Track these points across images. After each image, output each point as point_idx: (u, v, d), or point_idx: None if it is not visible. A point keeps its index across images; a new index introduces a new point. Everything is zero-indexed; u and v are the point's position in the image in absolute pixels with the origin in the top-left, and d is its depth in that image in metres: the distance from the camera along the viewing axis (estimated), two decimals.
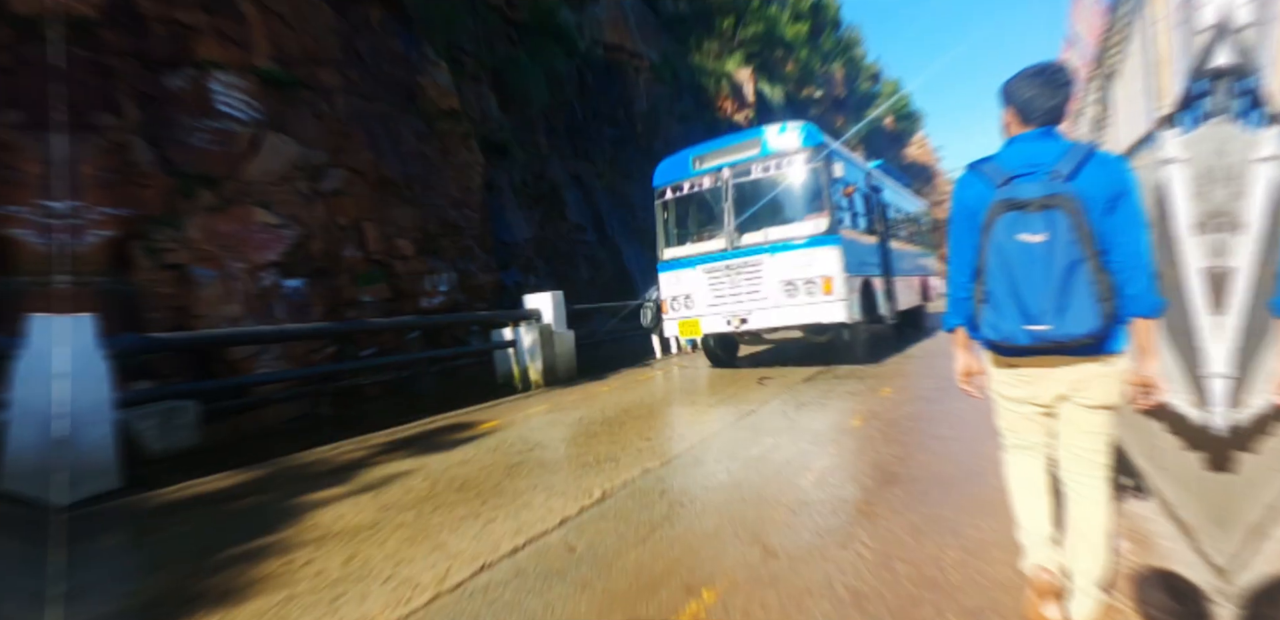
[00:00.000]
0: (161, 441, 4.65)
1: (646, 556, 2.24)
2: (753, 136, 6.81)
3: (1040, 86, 1.52)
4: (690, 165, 7.19)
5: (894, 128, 38.66)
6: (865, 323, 6.83)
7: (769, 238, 6.40)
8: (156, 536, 2.98)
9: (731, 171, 6.77)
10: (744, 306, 6.49)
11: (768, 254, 6.35)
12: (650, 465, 3.43)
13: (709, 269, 6.79)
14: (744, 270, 6.49)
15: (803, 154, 6.40)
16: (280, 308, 6.32)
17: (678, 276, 7.12)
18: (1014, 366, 1.61)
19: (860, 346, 6.77)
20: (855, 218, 7.10)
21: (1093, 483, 1.60)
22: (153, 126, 5.88)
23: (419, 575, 2.24)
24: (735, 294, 6.57)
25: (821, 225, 6.16)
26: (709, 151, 7.08)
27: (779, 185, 6.63)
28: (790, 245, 6.25)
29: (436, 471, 3.72)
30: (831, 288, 5.96)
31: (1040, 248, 1.39)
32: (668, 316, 7.20)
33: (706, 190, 7.03)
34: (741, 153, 6.78)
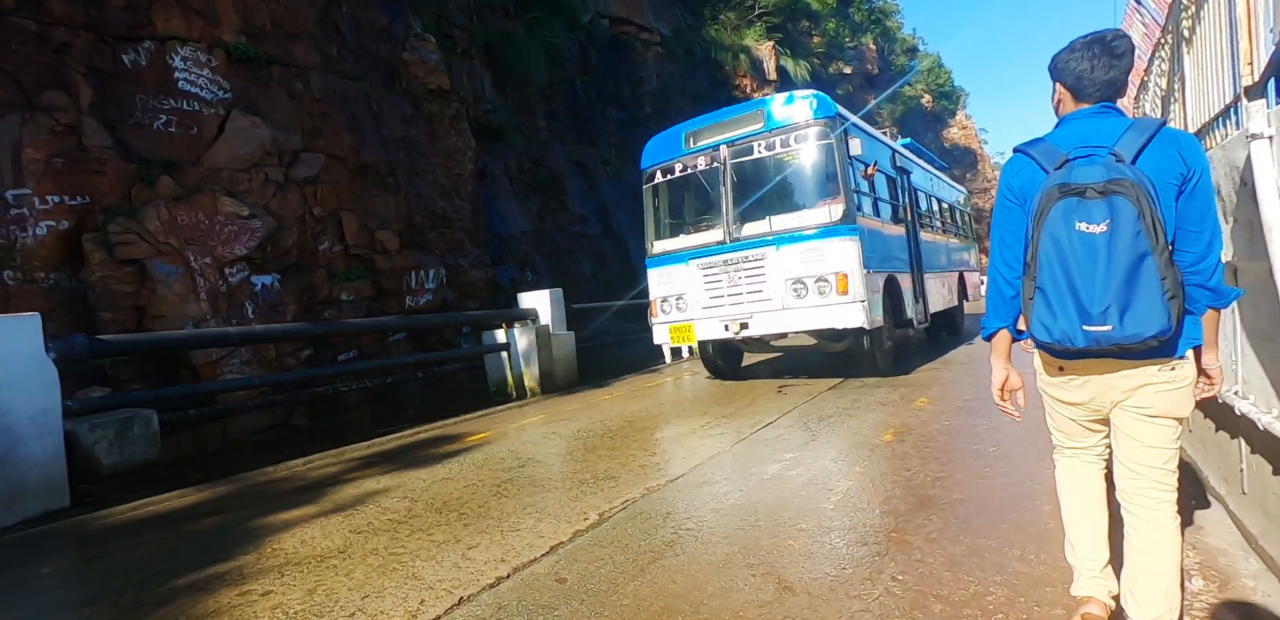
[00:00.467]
0: (116, 455, 4.62)
1: (645, 590, 2.17)
2: (754, 108, 6.33)
3: (1095, 58, 1.49)
4: (683, 143, 6.71)
5: (933, 107, 38.30)
6: (889, 328, 6.37)
7: (774, 228, 5.95)
8: (100, 563, 2.94)
9: (730, 150, 6.28)
10: (744, 309, 6.05)
11: (772, 247, 5.91)
12: (653, 484, 3.35)
13: (704, 265, 6.33)
14: (744, 266, 6.05)
15: (814, 128, 5.89)
16: (250, 307, 6.31)
17: (668, 273, 6.67)
18: (1065, 370, 1.56)
19: (883, 355, 6.26)
20: (877, 204, 6.60)
21: (1155, 506, 1.52)
22: (108, 107, 5.89)
23: (389, 610, 2.18)
24: (734, 294, 6.13)
25: (836, 213, 5.69)
26: (704, 127, 6.60)
27: (786, 165, 6.16)
28: (799, 237, 5.80)
29: (416, 490, 3.66)
30: (847, 287, 5.52)
31: (1101, 239, 1.35)
32: (657, 320, 6.74)
33: (701, 172, 6.52)
34: (741, 128, 6.28)
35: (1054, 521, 2.38)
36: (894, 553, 2.30)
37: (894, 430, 4.12)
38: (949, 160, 37.29)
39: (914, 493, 2.91)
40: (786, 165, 6.17)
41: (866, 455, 3.59)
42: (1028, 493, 2.75)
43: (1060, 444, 1.74)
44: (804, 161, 6.05)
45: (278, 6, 7.45)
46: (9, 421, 3.71)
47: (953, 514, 2.62)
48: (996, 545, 2.29)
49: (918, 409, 4.73)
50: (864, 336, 6.00)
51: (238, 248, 6.20)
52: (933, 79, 38.73)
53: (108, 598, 2.49)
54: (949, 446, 3.64)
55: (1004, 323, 1.65)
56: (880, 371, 6.20)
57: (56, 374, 3.97)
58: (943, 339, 9.48)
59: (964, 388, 5.47)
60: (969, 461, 3.31)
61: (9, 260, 5.16)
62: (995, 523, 2.49)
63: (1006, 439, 3.64)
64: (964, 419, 4.27)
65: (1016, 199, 1.57)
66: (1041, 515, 2.49)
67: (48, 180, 5.38)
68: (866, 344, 6.06)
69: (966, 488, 2.91)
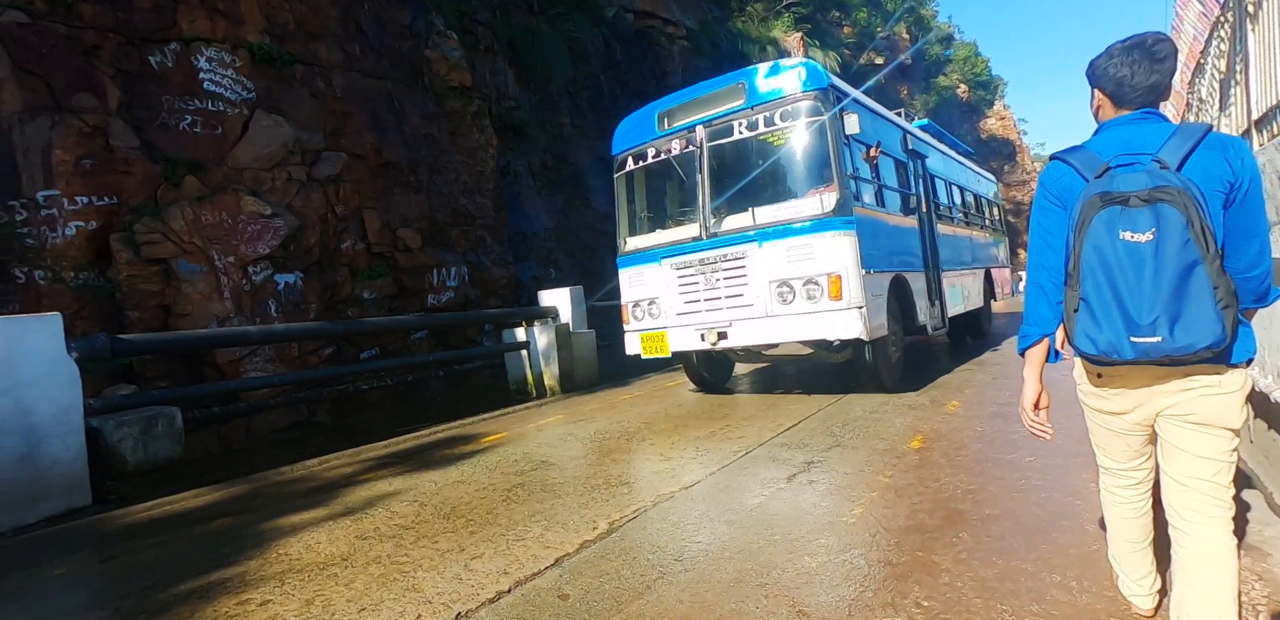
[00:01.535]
0: (141, 452, 4.68)
1: (650, 610, 2.04)
2: (734, 81, 5.42)
3: (1135, 63, 1.46)
4: (655, 124, 5.88)
5: (969, 98, 37.15)
6: (896, 337, 5.57)
7: (757, 221, 5.13)
8: (110, 564, 2.93)
9: (707, 130, 5.45)
10: (722, 316, 5.25)
11: (754, 244, 5.09)
12: (667, 491, 3.22)
13: (679, 264, 5.53)
14: (723, 266, 5.25)
15: (803, 102, 5.03)
16: (273, 305, 6.36)
17: (640, 275, 5.89)
18: (1104, 377, 1.52)
19: (888, 369, 5.38)
20: (882, 193, 5.77)
21: (1206, 520, 1.44)
22: (135, 108, 5.97)
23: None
24: (712, 299, 5.34)
25: (828, 203, 4.86)
26: (678, 105, 5.77)
27: (771, 148, 5.37)
28: (785, 231, 4.98)
29: (427, 493, 3.60)
30: (841, 290, 4.70)
31: (1147, 248, 1.31)
32: (629, 328, 6.00)
33: (676, 157, 5.70)
34: (720, 104, 5.42)
35: (1099, 543, 2.19)
36: (920, 574, 2.13)
37: (923, 436, 3.91)
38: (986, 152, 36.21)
39: (943, 507, 2.73)
40: (772, 147, 5.38)
41: (892, 463, 3.40)
42: (1070, 510, 2.54)
43: (1102, 465, 1.69)
44: (792, 142, 5.20)
45: (301, 6, 7.49)
46: (32, 420, 3.76)
47: (985, 532, 2.43)
48: (1034, 569, 2.10)
49: (949, 413, 4.50)
50: (865, 348, 5.17)
51: (261, 246, 6.24)
52: (969, 68, 37.55)
53: (110, 603, 2.46)
54: (982, 455, 3.43)
55: (1047, 330, 1.58)
56: (884, 388, 5.34)
57: (78, 373, 4.01)
58: (966, 343, 8.75)
59: (999, 391, 5.21)
60: (1004, 473, 3.10)
61: (39, 260, 5.27)
62: (1033, 543, 2.30)
63: (1046, 448, 3.41)
64: (999, 425, 4.04)
65: (1057, 202, 1.53)
66: (1085, 536, 2.29)
67: (77, 181, 5.48)
68: (868, 356, 5.21)
69: (1001, 502, 2.71)
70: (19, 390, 3.74)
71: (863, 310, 4.74)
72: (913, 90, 31.23)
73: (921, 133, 7.70)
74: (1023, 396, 1.64)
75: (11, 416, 3.71)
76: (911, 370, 6.85)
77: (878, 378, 5.28)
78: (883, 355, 5.26)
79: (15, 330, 3.76)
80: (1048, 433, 1.63)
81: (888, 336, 5.24)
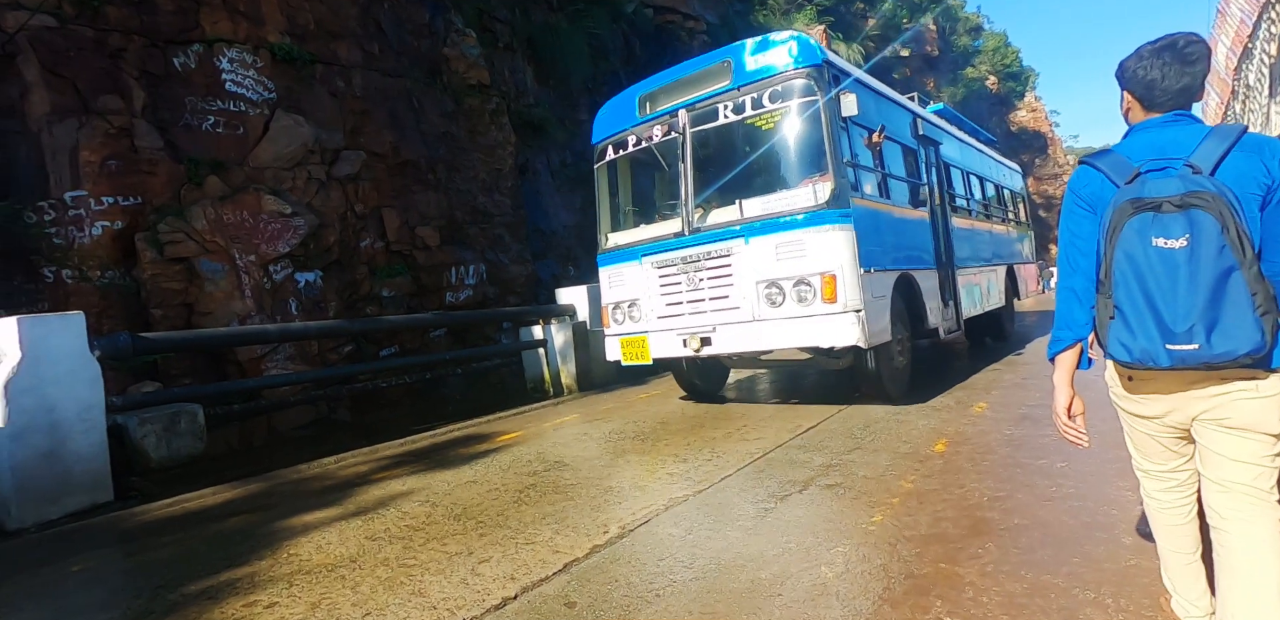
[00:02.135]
0: (164, 449, 4.74)
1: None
2: (719, 59, 4.92)
3: (1166, 66, 1.44)
4: (636, 109, 5.39)
5: (998, 89, 36.25)
6: (904, 341, 5.05)
7: (744, 215, 4.64)
8: (125, 563, 2.96)
9: (690, 115, 4.95)
10: (706, 320, 4.79)
11: (740, 240, 4.61)
12: (681, 494, 3.14)
13: (660, 263, 5.07)
14: (707, 265, 4.77)
15: (794, 81, 4.51)
16: (293, 304, 6.42)
17: (620, 274, 5.43)
18: (1135, 380, 1.50)
19: (893, 378, 4.86)
20: (886, 183, 5.23)
21: (1249, 517, 1.40)
22: (159, 109, 6.06)
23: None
24: (695, 301, 4.86)
25: (822, 193, 4.35)
26: (660, 87, 5.28)
27: (759, 133, 4.85)
28: (774, 225, 4.49)
29: (439, 493, 3.58)
30: (835, 291, 4.23)
31: (1181, 254, 1.30)
32: (609, 332, 5.56)
33: (658, 145, 5.20)
34: (704, 85, 4.93)
35: (1136, 558, 2.07)
36: (942, 588, 2.03)
37: (947, 439, 3.78)
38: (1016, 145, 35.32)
39: (968, 515, 2.61)
40: (761, 132, 4.86)
41: (915, 468, 3.28)
42: (1104, 521, 2.41)
43: (1139, 466, 1.64)
44: (782, 126, 4.69)
45: (321, 6, 7.54)
46: (56, 417, 3.82)
47: (1013, 543, 2.31)
48: (1065, 584, 1.98)
49: (975, 416, 4.35)
50: (866, 354, 4.64)
51: (281, 245, 6.30)
52: (998, 59, 36.63)
53: (123, 603, 2.47)
54: (1009, 460, 3.29)
55: (1080, 335, 1.55)
56: (889, 399, 4.85)
57: (100, 371, 4.06)
58: (986, 346, 8.20)
59: (1028, 393, 5.02)
60: (1033, 479, 2.96)
61: (67, 260, 5.37)
62: (1064, 556, 2.17)
63: (1079, 454, 3.26)
64: (1028, 428, 3.88)
65: (1086, 207, 1.52)
66: (1121, 549, 2.16)
67: (103, 182, 5.58)
68: (871, 363, 4.69)
69: (1029, 511, 2.58)
70: (44, 388, 3.81)
71: (860, 314, 4.25)
72: (939, 82, 30.57)
73: (936, 118, 7.12)
74: (1054, 403, 1.60)
75: (37, 413, 3.77)
76: (935, 370, 6.68)
77: (881, 387, 4.79)
78: (887, 362, 4.78)
79: (40, 329, 3.82)
80: (1083, 439, 1.58)
81: (892, 342, 4.75)
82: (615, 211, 5.87)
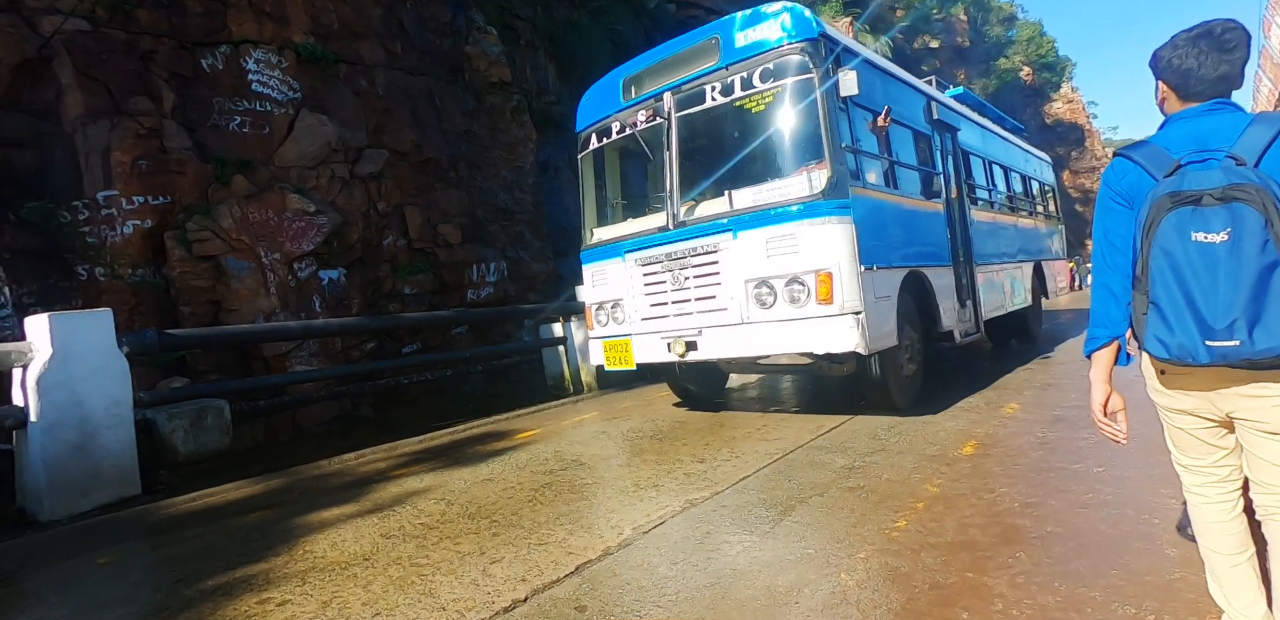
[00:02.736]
0: (192, 443, 4.84)
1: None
2: (708, 36, 4.52)
3: (1203, 54, 1.40)
4: (620, 94, 5.01)
5: (1032, 81, 35.25)
6: (913, 345, 4.66)
7: (734, 207, 4.26)
8: (147, 557, 3.00)
9: (675, 98, 4.58)
10: (692, 322, 4.42)
11: (727, 234, 4.25)
12: (697, 496, 3.08)
13: (643, 260, 4.71)
14: (693, 262, 4.41)
15: (788, 57, 4.12)
16: (317, 301, 6.49)
17: (603, 272, 5.06)
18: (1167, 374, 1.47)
19: (900, 386, 4.46)
20: (894, 171, 4.79)
21: None
22: (188, 110, 6.16)
23: None
24: (680, 302, 4.50)
25: (817, 182, 3.96)
26: (645, 68, 4.89)
27: (750, 116, 4.41)
28: (764, 218, 4.10)
29: (455, 491, 3.57)
30: (831, 291, 3.84)
31: (1222, 248, 1.26)
32: (593, 334, 5.21)
33: (643, 132, 4.82)
34: (691, 65, 4.55)
35: (1181, 571, 1.94)
36: (970, 599, 1.93)
37: (976, 442, 3.64)
38: (1052, 137, 34.33)
39: (998, 521, 2.49)
40: (751, 116, 4.41)
41: (942, 471, 3.16)
42: (1146, 530, 2.27)
43: (1178, 461, 1.58)
44: (775, 108, 4.25)
45: (345, 6, 7.60)
46: (85, 412, 3.91)
47: (1045, 552, 2.19)
48: (1102, 598, 1.87)
49: (1006, 417, 4.19)
50: (871, 359, 4.25)
51: (305, 243, 6.37)
52: (1033, 49, 35.61)
53: (141, 597, 2.50)
54: (1042, 464, 3.15)
55: (1116, 333, 1.52)
56: (895, 409, 4.44)
57: (127, 366, 4.14)
58: (1012, 348, 7.72)
59: (1063, 393, 4.84)
60: (1068, 485, 2.83)
61: (100, 258, 5.50)
62: (1101, 567, 2.05)
63: (1117, 458, 3.11)
64: (1062, 431, 3.72)
65: (1122, 202, 1.48)
66: (1164, 562, 2.04)
67: (133, 181, 5.69)
68: (876, 370, 4.32)
69: (1064, 519, 2.46)
70: (74, 383, 3.89)
71: (860, 316, 3.84)
72: (971, 74, 29.84)
73: (954, 102, 6.62)
74: (1091, 401, 1.58)
75: (67, 408, 3.86)
76: (964, 370, 6.50)
77: (886, 397, 4.39)
78: (893, 369, 4.38)
79: (69, 325, 3.91)
80: (1120, 434, 1.56)
81: (899, 347, 4.37)
82: (602, 205, 5.48)
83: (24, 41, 5.64)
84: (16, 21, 5.66)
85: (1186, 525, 2.04)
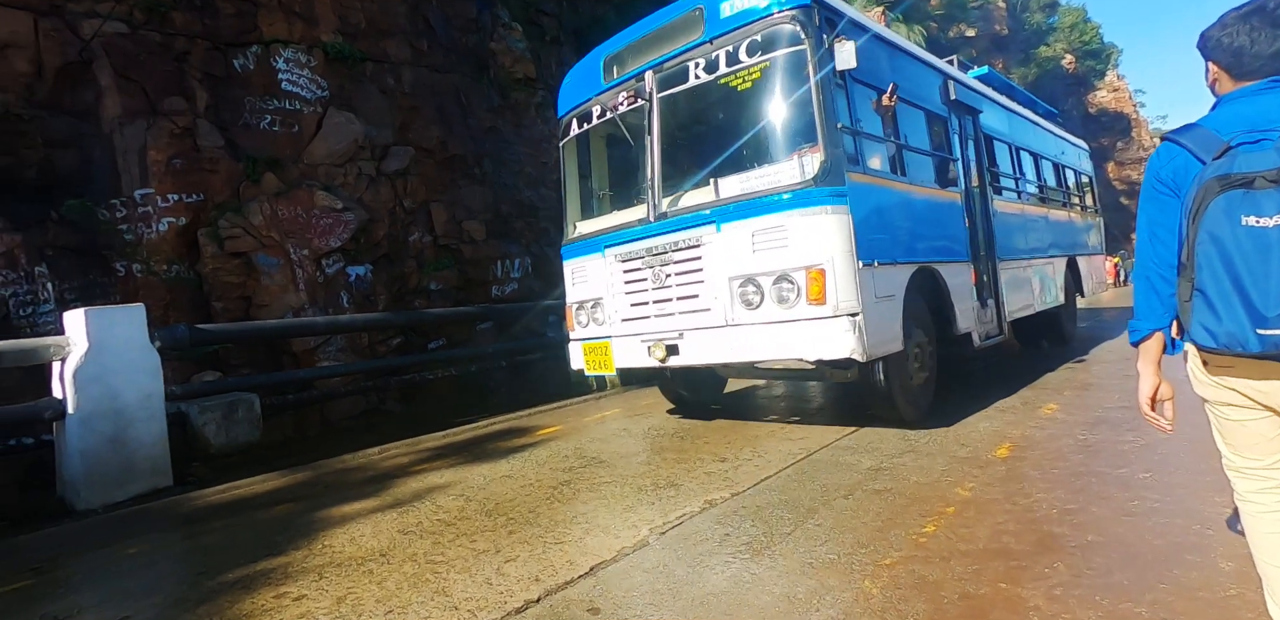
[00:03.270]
0: (223, 436, 4.94)
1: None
2: (691, 7, 4.10)
3: (1254, 31, 1.34)
4: (601, 74, 4.60)
5: (1075, 69, 34.00)
6: (924, 350, 4.27)
7: (720, 196, 3.87)
8: (172, 549, 3.06)
9: (657, 77, 4.19)
10: (673, 324, 4.04)
11: (710, 227, 3.86)
12: (717, 496, 3.00)
13: (623, 256, 4.33)
14: (674, 258, 4.03)
15: (777, 26, 3.70)
16: (345, 296, 6.58)
17: (583, 268, 4.69)
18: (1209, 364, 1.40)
19: (908, 395, 4.02)
20: (902, 156, 4.32)
21: None
22: (220, 110, 6.29)
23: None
24: (661, 301, 4.12)
25: (809, 168, 3.56)
26: (627, 45, 4.47)
27: (737, 95, 4.00)
28: (750, 208, 3.70)
29: (474, 487, 3.56)
30: (823, 290, 3.43)
31: (1274, 233, 1.20)
32: (573, 335, 4.85)
33: (624, 116, 4.42)
34: (674, 40, 4.15)
35: (1238, 587, 1.81)
36: (1002, 611, 1.82)
37: (1012, 443, 3.49)
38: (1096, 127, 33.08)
39: (1034, 529, 2.36)
40: (738, 94, 3.99)
41: (974, 474, 3.03)
42: (1197, 542, 2.13)
43: (1230, 465, 1.47)
44: (763, 85, 3.83)
45: (372, 5, 7.67)
46: (119, 405, 4.01)
47: (1086, 563, 2.07)
48: (1149, 614, 1.74)
49: (1044, 417, 4.02)
50: (875, 366, 3.83)
51: (333, 240, 6.46)
52: (1076, 36, 34.32)
53: (163, 589, 2.54)
54: (1083, 469, 2.99)
55: (1158, 325, 1.47)
56: (902, 421, 4.01)
57: (159, 361, 4.24)
58: (1043, 350, 7.17)
59: (1106, 393, 4.62)
60: (1111, 491, 2.67)
61: (136, 254, 5.66)
62: (1148, 581, 1.92)
63: (1166, 462, 2.93)
64: (1105, 433, 3.54)
65: (1168, 189, 1.42)
66: (1218, 576, 1.90)
67: (168, 180, 5.83)
68: (880, 378, 3.89)
69: (1106, 527, 2.32)
70: (108, 376, 3.99)
71: (856, 318, 3.41)
72: (1009, 63, 28.90)
73: (976, 83, 6.08)
74: (1138, 392, 1.52)
75: (102, 401, 3.96)
76: (999, 369, 6.28)
77: (892, 408, 3.95)
78: (900, 377, 3.95)
79: (104, 320, 4.01)
80: (1165, 419, 1.51)
81: (906, 352, 3.97)
82: (586, 196, 5.08)
83: (66, 45, 5.81)
84: (60, 25, 5.83)
85: (1236, 522, 1.90)
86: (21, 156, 5.49)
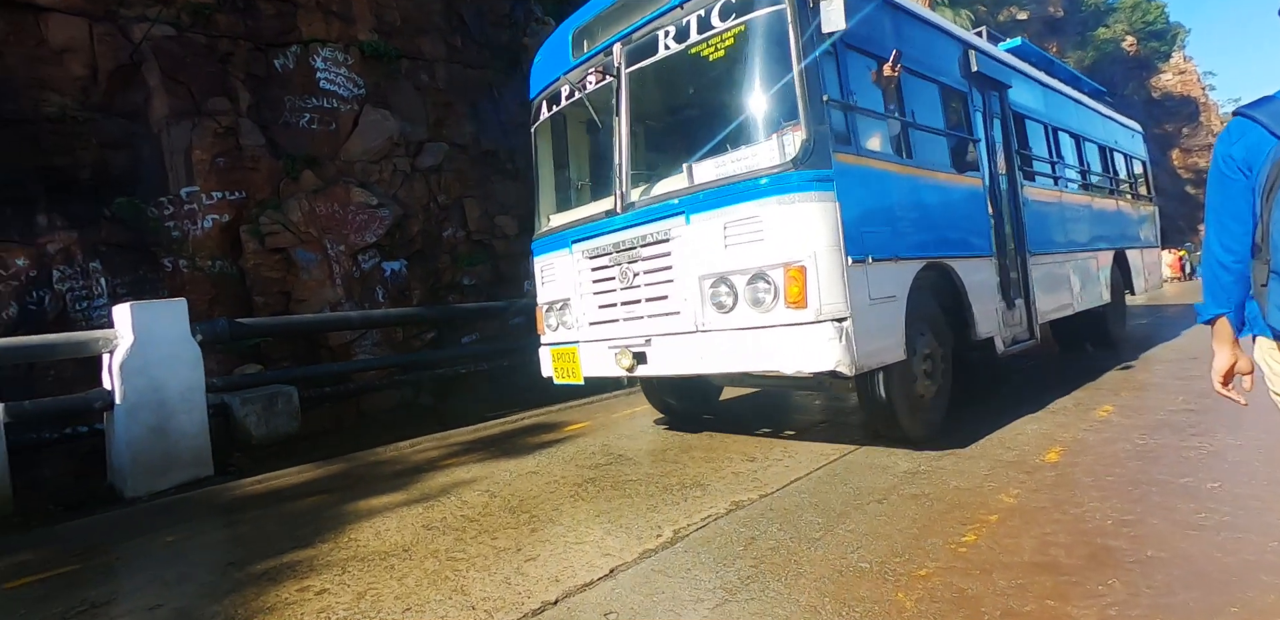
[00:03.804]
0: (264, 427, 5.08)
1: None
2: None
3: None
4: (570, 50, 4.13)
5: (1137, 51, 32.25)
6: (937, 359, 3.75)
7: (694, 183, 3.38)
8: (206, 538, 3.13)
9: (625, 49, 3.72)
10: (641, 329, 3.60)
11: (679, 218, 3.38)
12: (744, 498, 2.91)
13: (590, 251, 3.87)
14: (642, 253, 3.57)
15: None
16: (380, 291, 6.69)
17: (551, 266, 4.25)
18: None
19: (912, 410, 3.49)
20: (907, 134, 3.79)
21: None
22: (261, 109, 6.44)
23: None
24: (630, 303, 3.67)
25: (789, 147, 3.08)
26: (594, 16, 3.99)
27: (711, 66, 3.55)
28: (723, 196, 3.23)
29: (500, 483, 3.54)
30: (804, 291, 2.95)
31: None
32: (543, 339, 4.42)
33: (591, 95, 3.93)
34: (643, 7, 3.68)
35: None
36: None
37: (1062, 447, 3.28)
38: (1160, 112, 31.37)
39: (1085, 541, 2.20)
40: (712, 66, 3.54)
41: (1020, 480, 2.86)
42: (1273, 560, 1.94)
43: None
44: (738, 54, 3.34)
45: (407, 2, 7.74)
46: (162, 396, 4.14)
47: (1145, 580, 1.90)
48: None
49: (1099, 420, 3.78)
50: (874, 377, 3.34)
51: (368, 236, 6.56)
52: (1138, 17, 32.55)
53: (194, 578, 2.59)
54: (1142, 476, 2.78)
55: (1224, 309, 1.43)
56: (906, 438, 3.50)
57: (200, 353, 4.36)
58: (1087, 353, 6.46)
59: (1169, 395, 4.33)
60: (1173, 501, 2.47)
61: (183, 250, 5.85)
62: (1215, 601, 1.75)
63: (1236, 472, 2.71)
64: (1167, 438, 3.30)
65: (1239, 168, 1.33)
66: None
67: (212, 178, 6.01)
68: (880, 390, 3.38)
69: (1168, 542, 2.14)
70: (152, 369, 4.13)
71: (844, 324, 2.93)
72: (1064, 47, 27.59)
73: (1003, 54, 5.41)
74: (1213, 368, 1.47)
75: (147, 392, 4.10)
76: (1052, 367, 5.96)
77: (893, 424, 3.46)
78: (903, 390, 3.43)
79: (147, 314, 4.14)
80: (1238, 397, 1.46)
81: (912, 361, 3.46)
82: (561, 186, 4.61)
83: (119, 49, 6.03)
84: (112, 30, 6.05)
85: None
86: (77, 157, 5.73)
